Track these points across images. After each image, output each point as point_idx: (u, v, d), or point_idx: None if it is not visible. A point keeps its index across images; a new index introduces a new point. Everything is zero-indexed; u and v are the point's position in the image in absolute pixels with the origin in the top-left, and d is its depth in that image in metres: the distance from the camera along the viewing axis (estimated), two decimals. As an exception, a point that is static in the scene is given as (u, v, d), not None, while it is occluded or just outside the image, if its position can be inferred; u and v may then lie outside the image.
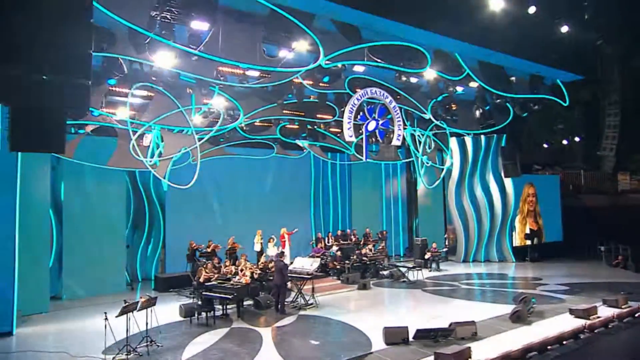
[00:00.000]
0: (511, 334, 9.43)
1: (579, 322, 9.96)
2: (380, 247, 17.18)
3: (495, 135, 17.86)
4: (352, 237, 17.67)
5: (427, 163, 18.23)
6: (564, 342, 8.90)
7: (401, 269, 15.78)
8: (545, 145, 19.07)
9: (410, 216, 21.25)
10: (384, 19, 10.80)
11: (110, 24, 9.00)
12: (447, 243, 19.53)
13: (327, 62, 10.62)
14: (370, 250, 16.35)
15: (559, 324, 9.94)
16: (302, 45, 10.50)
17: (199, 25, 9.33)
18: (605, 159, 18.88)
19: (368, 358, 8.31)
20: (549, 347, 8.57)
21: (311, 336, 9.96)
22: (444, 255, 18.05)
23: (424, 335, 9.06)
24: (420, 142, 17.03)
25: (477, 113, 16.34)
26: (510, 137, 17.73)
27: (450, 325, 9.35)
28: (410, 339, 9.03)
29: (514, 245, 18.88)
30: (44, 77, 6.20)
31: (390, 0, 10.37)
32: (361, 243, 17.23)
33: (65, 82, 6.53)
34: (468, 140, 18.53)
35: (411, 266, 16.11)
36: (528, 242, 18.90)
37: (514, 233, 18.80)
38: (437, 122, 16.10)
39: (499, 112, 16.45)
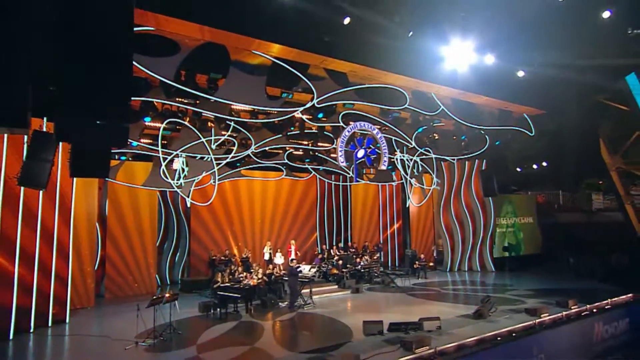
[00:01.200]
0: (470, 328, 9.91)
1: (532, 320, 10.48)
2: (375, 257, 17.55)
3: (476, 160, 18.23)
4: (352, 249, 18.12)
5: (415, 185, 18.70)
6: (514, 335, 9.61)
7: (391, 276, 16.23)
8: (518, 169, 19.61)
9: (405, 231, 21.47)
10: (368, 67, 11.63)
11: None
12: (435, 255, 19.92)
13: (319, 102, 11.44)
14: (366, 260, 16.78)
15: (514, 321, 10.45)
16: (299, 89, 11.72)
17: (216, 76, 10.62)
18: (565, 182, 19.34)
19: (347, 345, 8.88)
20: (499, 339, 9.28)
21: (304, 328, 10.73)
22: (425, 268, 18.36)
23: (396, 328, 9.69)
24: (408, 167, 17.48)
25: (456, 142, 16.90)
26: (488, 161, 17.95)
27: (419, 320, 9.90)
28: (385, 331, 9.61)
29: (494, 256, 18.94)
30: (97, 122, 7.44)
31: (372, 51, 11.15)
32: (360, 254, 17.61)
33: (110, 125, 7.80)
34: (452, 165, 18.92)
35: (399, 274, 16.75)
36: (506, 254, 19.14)
37: (494, 246, 19.04)
38: (422, 150, 16.48)
39: (477, 140, 16.86)
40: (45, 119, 9.54)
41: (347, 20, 9.81)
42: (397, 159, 16.96)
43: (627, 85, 15.82)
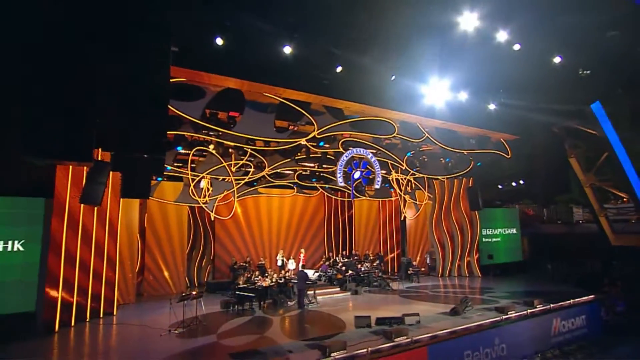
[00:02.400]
0: (445, 323, 10.54)
1: (499, 316, 11.10)
2: (375, 264, 18.00)
3: (463, 178, 18.81)
4: (355, 256, 18.68)
5: (409, 200, 19.56)
6: (481, 328, 10.28)
7: (387, 280, 16.79)
8: (500, 186, 20.19)
9: (402, 241, 21.94)
10: (360, 104, 12.60)
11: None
12: (428, 262, 20.28)
13: (318, 135, 12.44)
14: (367, 266, 17.32)
15: (484, 317, 11.04)
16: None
17: (234, 114, 11.91)
18: (536, 197, 19.86)
19: (339, 335, 9.62)
20: (470, 332, 9.98)
21: (306, 322, 11.44)
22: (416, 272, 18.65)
23: (381, 322, 10.42)
24: (402, 185, 18.29)
25: (443, 163, 17.53)
26: (473, 179, 18.52)
27: (402, 315, 10.63)
28: (373, 324, 10.36)
29: (481, 263, 19.22)
30: (144, 156, 8.70)
31: (363, 90, 12.07)
32: (361, 261, 18.25)
33: (150, 157, 9.14)
34: (442, 183, 19.41)
35: (394, 278, 17.38)
36: (491, 261, 19.34)
37: (479, 253, 19.28)
38: (413, 170, 17.06)
39: (462, 161, 17.43)
40: (100, 149, 10.84)
41: (339, 69, 10.98)
42: (392, 179, 17.78)
43: (592, 112, 16.63)
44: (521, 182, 19.92)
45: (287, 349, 8.73)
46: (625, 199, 17.92)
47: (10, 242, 9.63)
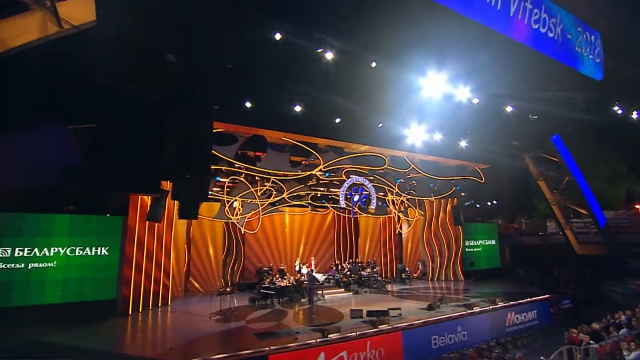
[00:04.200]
0: (421, 315, 11.75)
1: (465, 310, 12.27)
2: (375, 270, 18.89)
3: (448, 198, 19.83)
4: (359, 263, 19.63)
5: (402, 217, 20.66)
6: (448, 319, 11.58)
7: (384, 282, 17.82)
8: (477, 205, 21.24)
9: (399, 250, 22.63)
10: (357, 144, 14.31)
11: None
12: (420, 268, 21.18)
13: (324, 168, 14.09)
14: (368, 271, 18.27)
15: (454, 312, 12.14)
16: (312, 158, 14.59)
17: (259, 153, 13.79)
18: (505, 215, 20.80)
19: (337, 323, 10.86)
20: (439, 322, 11.32)
21: (313, 313, 12.66)
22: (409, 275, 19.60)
23: (371, 314, 11.71)
24: (397, 204, 19.48)
25: (429, 187, 18.74)
26: (457, 199, 19.62)
27: (387, 309, 11.87)
28: (364, 316, 11.64)
29: (464, 269, 19.91)
30: (195, 184, 10.57)
31: (359, 133, 13.58)
32: (364, 267, 19.18)
33: (199, 186, 10.97)
34: (431, 202, 20.38)
35: (388, 281, 18.52)
36: (472, 268, 19.94)
37: (463, 261, 19.99)
38: (405, 193, 18.22)
39: (445, 185, 18.39)
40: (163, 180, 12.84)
41: (337, 120, 12.88)
42: (388, 200, 19.19)
43: (552, 143, 17.95)
44: (494, 202, 21.01)
45: (296, 331, 10.22)
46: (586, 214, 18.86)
47: (99, 248, 11.75)
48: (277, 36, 9.25)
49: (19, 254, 10.39)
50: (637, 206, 22.98)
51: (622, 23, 14.37)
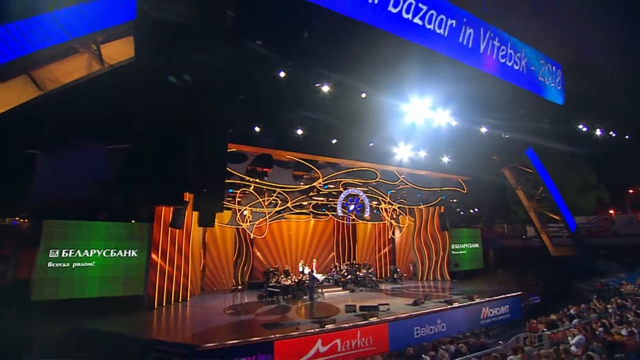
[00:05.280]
0: (406, 310, 12.41)
1: (446, 306, 12.93)
2: (370, 271, 19.42)
3: (435, 206, 20.64)
4: (356, 265, 20.14)
5: (394, 224, 21.52)
6: (430, 313, 12.28)
7: (377, 282, 18.58)
8: (462, 213, 22.08)
9: (392, 253, 23.03)
10: (351, 160, 15.36)
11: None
12: (411, 269, 21.80)
13: (323, 181, 15.20)
14: (364, 272, 18.87)
15: (436, 307, 12.82)
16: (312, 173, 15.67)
17: (266, 169, 14.89)
18: (485, 221, 21.62)
19: (333, 316, 11.45)
20: (421, 315, 12.08)
21: (312, 308, 13.43)
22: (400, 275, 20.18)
23: (363, 308, 12.27)
24: (389, 212, 20.32)
25: (419, 196, 19.58)
26: (444, 207, 20.44)
27: (377, 304, 12.57)
28: (357, 310, 12.22)
29: (450, 270, 20.25)
30: (214, 194, 11.65)
31: (353, 151, 14.60)
32: (360, 268, 19.85)
33: (215, 198, 12.09)
34: (421, 210, 21.10)
35: (381, 281, 19.32)
36: (457, 269, 20.58)
37: (449, 262, 20.49)
38: (396, 202, 19.08)
39: (432, 195, 19.34)
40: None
41: (334, 140, 13.96)
42: (381, 208, 20.11)
43: (527, 157, 18.92)
44: (476, 209, 21.87)
45: (298, 322, 11.12)
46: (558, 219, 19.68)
47: (130, 251, 12.85)
48: (282, 74, 10.43)
49: (65, 255, 11.56)
50: (610, 212, 23.80)
51: (582, 51, 15.54)
